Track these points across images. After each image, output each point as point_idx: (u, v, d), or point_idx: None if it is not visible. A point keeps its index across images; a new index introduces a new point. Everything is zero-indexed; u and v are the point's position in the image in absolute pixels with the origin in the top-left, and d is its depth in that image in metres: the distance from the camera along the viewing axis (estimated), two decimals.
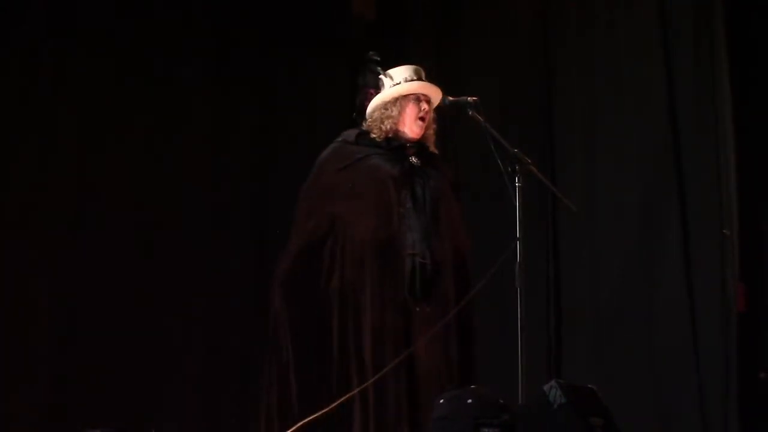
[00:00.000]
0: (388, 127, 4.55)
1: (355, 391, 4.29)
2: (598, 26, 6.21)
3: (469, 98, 4.46)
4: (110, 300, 6.24)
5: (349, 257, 4.43)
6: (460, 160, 6.14)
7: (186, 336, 6.46)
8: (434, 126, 4.65)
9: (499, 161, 4.31)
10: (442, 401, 3.47)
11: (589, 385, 4.37)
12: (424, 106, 4.56)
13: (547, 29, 6.40)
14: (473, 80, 6.29)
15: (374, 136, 4.58)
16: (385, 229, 4.44)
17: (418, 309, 4.40)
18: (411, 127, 4.57)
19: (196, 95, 6.67)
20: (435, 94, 4.59)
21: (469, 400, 3.34)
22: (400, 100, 4.55)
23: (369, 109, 4.62)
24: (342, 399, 4.29)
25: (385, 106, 4.56)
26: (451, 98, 4.52)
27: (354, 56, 6.59)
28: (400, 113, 4.55)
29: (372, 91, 4.64)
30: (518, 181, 4.29)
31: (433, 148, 4.65)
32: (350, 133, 4.66)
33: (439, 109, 4.65)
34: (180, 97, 6.59)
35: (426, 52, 6.38)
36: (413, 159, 4.57)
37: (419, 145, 4.61)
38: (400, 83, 4.57)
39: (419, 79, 4.57)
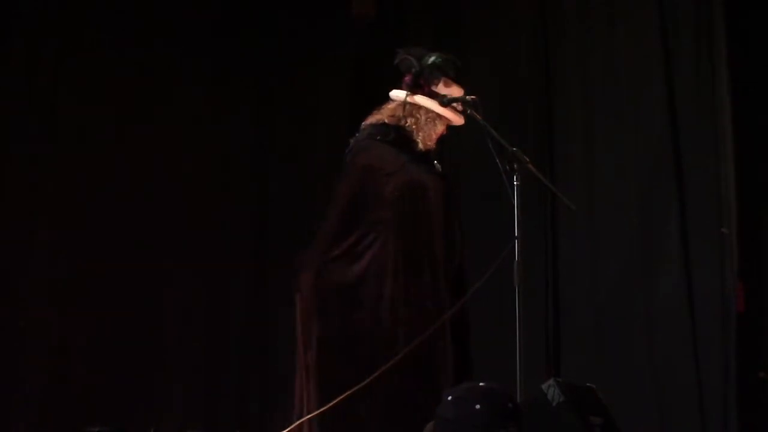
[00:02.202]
0: (412, 127, 4.50)
1: (364, 382, 4.28)
2: (597, 25, 6.21)
3: (468, 97, 4.47)
4: (110, 300, 6.25)
5: (403, 265, 4.38)
6: (459, 159, 6.14)
7: (186, 336, 6.46)
8: None
9: (498, 160, 4.30)
10: (450, 399, 3.41)
11: (588, 384, 4.38)
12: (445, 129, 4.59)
13: (547, 28, 6.40)
14: (472, 79, 6.28)
15: (416, 135, 4.50)
16: (436, 237, 4.43)
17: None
18: (428, 141, 4.54)
19: (195, 96, 6.68)
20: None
21: (477, 406, 3.27)
22: (439, 118, 4.52)
23: (413, 98, 4.52)
24: (348, 393, 4.28)
25: (427, 111, 4.50)
26: (450, 97, 4.52)
27: (355, 56, 6.62)
28: (427, 123, 4.51)
29: (415, 78, 4.52)
30: (517, 180, 4.28)
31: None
32: (383, 131, 4.53)
33: None
34: (179, 98, 6.60)
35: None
36: (436, 164, 4.58)
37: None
38: (451, 104, 4.48)
39: (464, 109, 4.49)
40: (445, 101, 4.51)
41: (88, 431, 5.65)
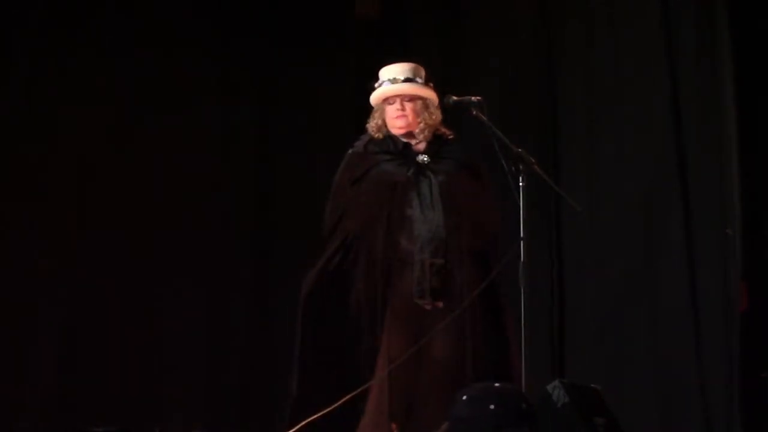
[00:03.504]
0: (379, 124, 4.63)
1: (361, 388, 4.30)
2: (600, 25, 6.21)
3: (473, 98, 4.46)
4: (113, 300, 6.25)
5: (365, 271, 4.47)
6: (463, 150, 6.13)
7: (190, 336, 6.46)
8: (431, 115, 4.62)
9: (503, 161, 4.31)
10: (464, 398, 3.41)
11: (593, 385, 4.38)
12: (398, 106, 4.59)
13: (549, 28, 6.40)
14: (476, 79, 6.30)
15: (376, 136, 4.64)
16: (395, 239, 4.47)
17: (429, 308, 4.41)
18: (391, 127, 4.62)
19: (197, 96, 6.67)
20: (412, 91, 4.59)
21: (492, 406, 3.28)
22: (380, 103, 4.63)
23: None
24: (344, 399, 4.30)
25: (374, 107, 4.66)
26: (455, 98, 4.51)
27: (357, 56, 6.62)
28: (381, 114, 4.63)
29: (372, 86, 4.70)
30: (522, 181, 4.29)
31: (441, 131, 4.66)
32: (360, 142, 4.69)
33: (442, 109, 4.65)
34: (180, 99, 6.59)
35: (429, 52, 6.38)
36: (421, 157, 4.58)
37: (434, 136, 4.63)
38: (382, 84, 4.62)
39: (394, 80, 4.59)
40: (450, 102, 4.52)
41: (93, 431, 5.66)
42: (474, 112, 4.43)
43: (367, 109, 4.72)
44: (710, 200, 5.69)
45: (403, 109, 4.58)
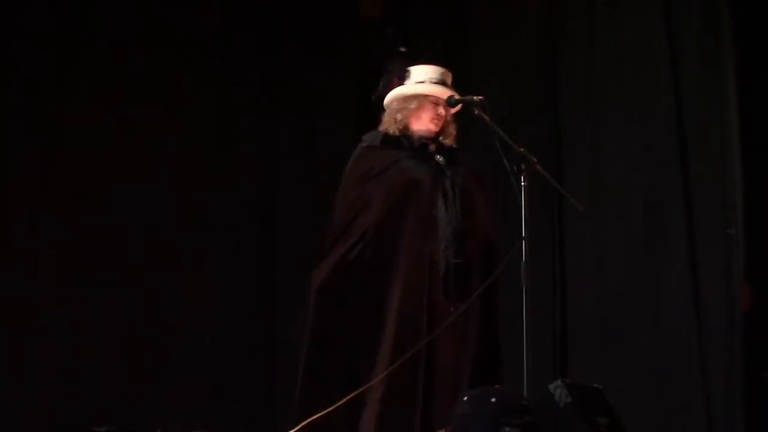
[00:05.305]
0: (400, 118, 4.59)
1: (363, 388, 4.29)
2: (603, 25, 6.21)
3: (475, 97, 4.46)
4: (117, 300, 6.25)
5: (387, 264, 4.43)
6: (465, 159, 6.14)
7: (193, 336, 6.46)
8: (454, 124, 4.66)
9: (505, 160, 4.31)
10: (465, 399, 3.47)
11: (595, 385, 4.37)
12: (441, 110, 4.59)
13: (553, 28, 6.40)
14: (478, 79, 6.29)
15: (390, 130, 4.60)
16: (421, 235, 4.45)
17: (453, 308, 4.39)
18: (427, 126, 4.60)
19: (198, 96, 6.67)
20: (456, 96, 4.57)
21: (493, 399, 3.33)
22: (420, 99, 4.59)
23: (388, 98, 4.65)
24: (350, 396, 4.28)
25: (405, 99, 4.60)
26: (457, 97, 4.52)
27: (359, 56, 6.63)
28: (416, 109, 4.59)
29: (397, 80, 4.66)
30: (524, 181, 4.29)
31: (452, 143, 4.66)
32: (374, 137, 4.65)
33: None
34: (182, 99, 6.59)
35: (432, 52, 6.37)
36: (438, 157, 4.58)
37: (439, 142, 4.62)
38: (424, 82, 4.59)
39: (443, 83, 4.60)
40: (452, 101, 4.51)
41: (95, 431, 5.66)
42: (476, 112, 4.44)
43: (369, 109, 4.70)
44: (712, 200, 5.68)
45: (443, 116, 4.60)
